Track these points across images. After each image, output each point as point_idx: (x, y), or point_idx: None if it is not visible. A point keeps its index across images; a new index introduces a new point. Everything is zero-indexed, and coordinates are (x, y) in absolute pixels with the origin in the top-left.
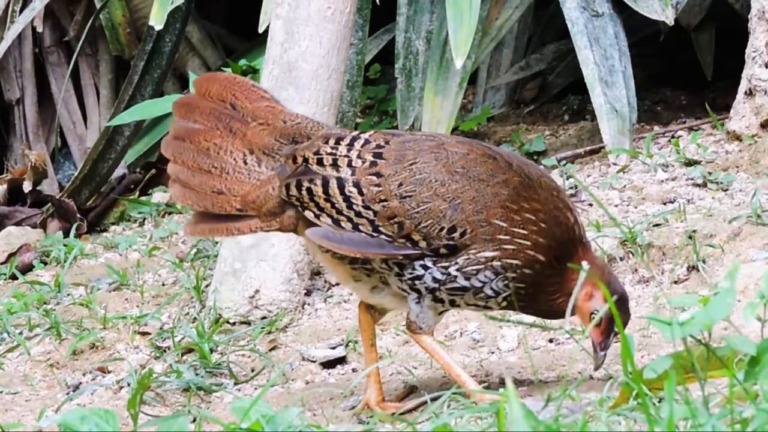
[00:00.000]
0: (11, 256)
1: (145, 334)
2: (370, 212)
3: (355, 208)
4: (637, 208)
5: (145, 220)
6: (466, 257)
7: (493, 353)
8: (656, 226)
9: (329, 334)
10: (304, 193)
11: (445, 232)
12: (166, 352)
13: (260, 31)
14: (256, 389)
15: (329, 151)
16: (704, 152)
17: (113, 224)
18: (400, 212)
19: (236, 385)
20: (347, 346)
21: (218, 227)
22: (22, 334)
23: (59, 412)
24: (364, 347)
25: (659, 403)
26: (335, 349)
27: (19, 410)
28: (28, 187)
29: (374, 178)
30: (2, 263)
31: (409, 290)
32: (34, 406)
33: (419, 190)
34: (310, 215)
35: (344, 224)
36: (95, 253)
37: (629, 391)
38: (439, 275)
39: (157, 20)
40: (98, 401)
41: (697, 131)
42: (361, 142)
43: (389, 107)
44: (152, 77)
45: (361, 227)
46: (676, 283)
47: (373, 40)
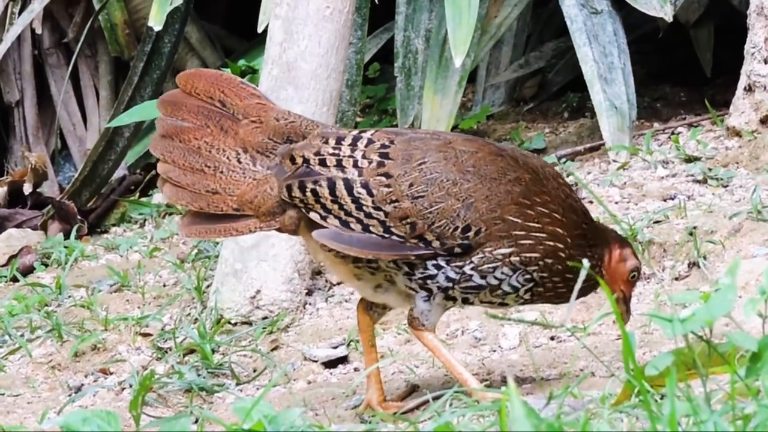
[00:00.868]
0: (12, 258)
1: (146, 335)
2: (380, 213)
3: (365, 209)
4: (637, 204)
5: (145, 221)
6: (481, 255)
7: (494, 351)
8: (657, 222)
9: (331, 333)
10: (308, 194)
11: (459, 231)
12: (167, 353)
13: (259, 31)
14: (258, 389)
15: (331, 151)
16: (704, 148)
17: (114, 225)
18: (412, 213)
19: (238, 385)
20: (349, 345)
21: (215, 228)
22: (23, 336)
23: (61, 414)
24: (364, 348)
25: (661, 400)
26: (337, 348)
27: (21, 412)
28: (28, 189)
29: (383, 178)
30: (3, 265)
31: (418, 289)
32: (36, 408)
33: (431, 190)
34: (315, 217)
35: (353, 226)
36: (96, 254)
37: (631, 388)
38: (453, 274)
39: (156, 21)
40: (100, 403)
41: (696, 127)
42: (364, 141)
43: (389, 106)
44: (152, 78)
45: (371, 228)
46: (677, 279)
47: (372, 39)
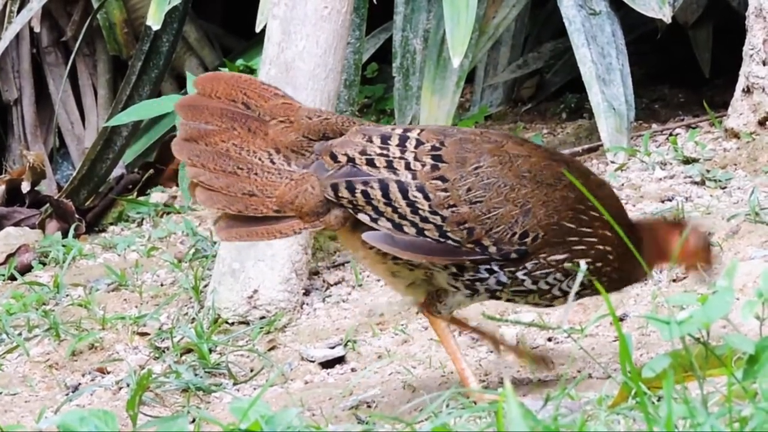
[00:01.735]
0: (10, 256)
1: (143, 334)
2: (437, 218)
3: (420, 213)
4: (635, 206)
5: (143, 220)
6: (535, 261)
7: (491, 352)
8: None
9: (328, 333)
10: (358, 195)
11: (517, 237)
12: (165, 352)
13: (257, 30)
14: (255, 389)
15: (379, 151)
16: (702, 150)
17: (111, 224)
18: (470, 218)
19: (235, 385)
20: (346, 345)
21: (257, 230)
22: (21, 335)
23: (58, 413)
24: (464, 330)
25: (658, 401)
26: (334, 348)
27: (18, 411)
28: (26, 187)
29: (439, 182)
30: (1, 264)
31: (464, 289)
32: (33, 407)
33: (489, 195)
34: (365, 219)
35: (407, 229)
36: (94, 253)
37: (628, 390)
38: (504, 279)
39: (154, 20)
40: (97, 402)
41: (695, 129)
42: (413, 142)
43: (387, 106)
44: (150, 77)
45: (426, 233)
46: (674, 281)
47: (370, 39)
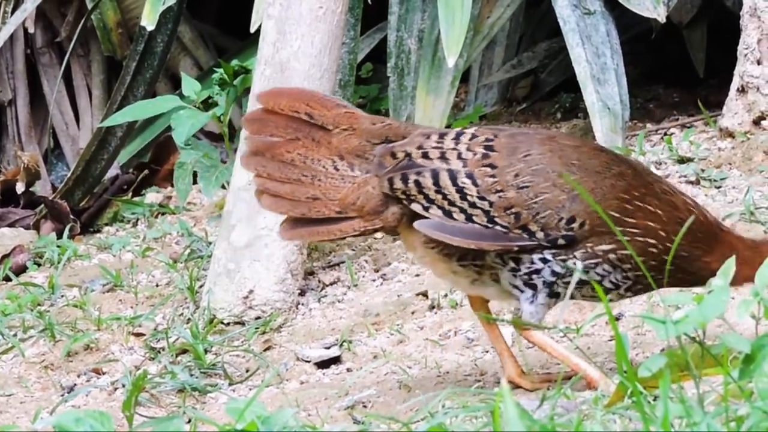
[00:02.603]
0: (5, 257)
1: (139, 335)
2: (485, 203)
3: (468, 199)
4: None
5: (138, 220)
6: (584, 250)
7: (487, 352)
8: None
9: (323, 333)
10: (411, 185)
11: (564, 222)
12: (160, 353)
13: (252, 30)
14: (250, 390)
15: (434, 145)
16: (697, 149)
17: (106, 225)
18: (517, 203)
19: (231, 385)
20: (341, 345)
21: (318, 230)
22: (16, 335)
23: (54, 413)
24: (484, 328)
25: (654, 401)
26: (329, 348)
27: (13, 412)
28: (21, 188)
29: (488, 169)
30: None
31: (523, 287)
32: (28, 407)
33: (536, 180)
34: (418, 208)
35: (456, 216)
36: (89, 254)
37: (624, 389)
38: (558, 268)
39: (148, 20)
40: (93, 403)
41: (689, 128)
42: (467, 136)
43: (382, 106)
44: (144, 78)
45: (474, 218)
46: None
47: (365, 39)
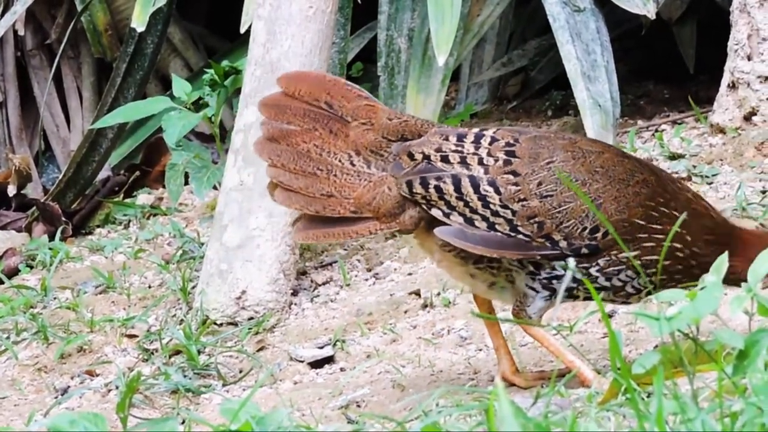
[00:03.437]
0: None
1: (132, 336)
2: (508, 212)
3: (491, 207)
4: None
5: (130, 222)
6: (607, 258)
7: (480, 350)
8: None
9: (316, 333)
10: (431, 190)
11: (587, 232)
12: (153, 354)
13: (242, 31)
14: (244, 390)
15: (454, 148)
16: (688, 146)
17: (98, 227)
18: (540, 212)
19: (224, 386)
20: (335, 345)
21: (333, 231)
22: (9, 338)
23: (48, 416)
24: (485, 323)
25: (648, 398)
26: (323, 348)
27: (7, 415)
28: (12, 191)
29: (511, 177)
30: None
31: (541, 289)
32: (22, 410)
33: (560, 189)
34: (437, 214)
35: (478, 223)
36: (81, 256)
37: (618, 386)
38: (578, 275)
39: (138, 22)
40: (87, 405)
41: (680, 125)
42: (488, 139)
43: None
44: (134, 79)
45: (497, 227)
46: None
47: (354, 38)
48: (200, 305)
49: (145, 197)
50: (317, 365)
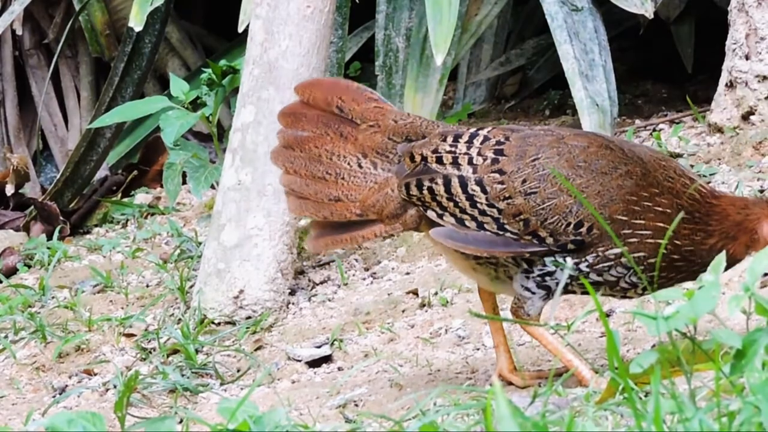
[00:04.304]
0: None
1: (130, 335)
2: (494, 210)
3: (479, 206)
4: None
5: (128, 221)
6: (595, 255)
7: (478, 350)
8: None
9: (314, 333)
10: (425, 192)
11: (572, 227)
12: (151, 353)
13: (240, 31)
14: (242, 389)
15: (448, 149)
16: (686, 145)
17: (96, 226)
18: (525, 209)
19: (222, 385)
20: (332, 344)
21: (342, 237)
22: (7, 337)
23: (46, 415)
24: (488, 320)
25: (646, 397)
26: (320, 347)
27: (5, 414)
28: (10, 190)
29: (497, 175)
30: None
31: (537, 289)
32: (20, 409)
33: (543, 186)
34: (432, 215)
35: (468, 223)
36: (79, 255)
37: (615, 385)
38: (572, 273)
39: (136, 21)
40: (85, 404)
41: (678, 124)
42: (480, 139)
43: None
44: (132, 79)
45: (486, 226)
46: None
47: (352, 38)
48: (198, 304)
49: (142, 196)
50: (315, 364)
